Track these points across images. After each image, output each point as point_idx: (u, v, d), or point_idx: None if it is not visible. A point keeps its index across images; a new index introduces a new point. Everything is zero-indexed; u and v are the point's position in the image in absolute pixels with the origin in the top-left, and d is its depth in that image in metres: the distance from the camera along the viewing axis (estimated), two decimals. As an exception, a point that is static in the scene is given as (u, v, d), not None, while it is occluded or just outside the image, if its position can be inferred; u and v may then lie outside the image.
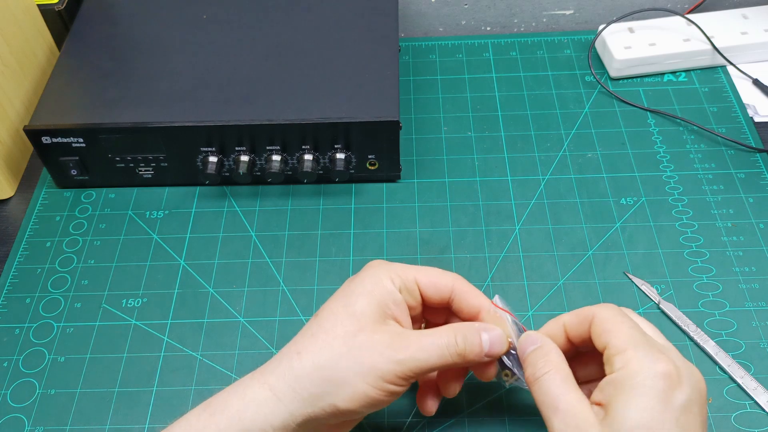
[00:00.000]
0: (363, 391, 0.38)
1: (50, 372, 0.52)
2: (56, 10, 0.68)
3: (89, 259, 0.58)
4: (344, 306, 0.40)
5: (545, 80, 0.70)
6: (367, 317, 0.39)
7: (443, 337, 0.40)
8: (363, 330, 0.39)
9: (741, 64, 0.70)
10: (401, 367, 0.38)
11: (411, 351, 0.39)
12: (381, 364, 0.38)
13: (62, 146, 0.59)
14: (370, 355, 0.38)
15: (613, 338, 0.38)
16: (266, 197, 0.62)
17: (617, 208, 0.59)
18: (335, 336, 0.39)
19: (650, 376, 0.36)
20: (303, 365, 0.39)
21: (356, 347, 0.39)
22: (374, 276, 0.41)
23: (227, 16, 0.66)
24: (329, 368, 0.38)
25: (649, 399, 0.35)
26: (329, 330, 0.39)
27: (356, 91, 0.59)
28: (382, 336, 0.39)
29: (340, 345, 0.39)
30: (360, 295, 0.40)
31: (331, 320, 0.40)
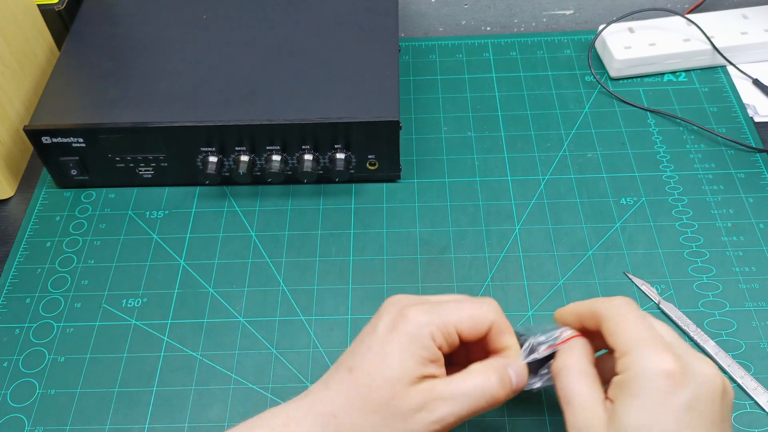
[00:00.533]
0: None
1: (50, 372, 0.52)
2: (56, 10, 0.68)
3: (89, 259, 0.58)
4: (379, 369, 0.38)
5: (545, 80, 0.70)
6: (401, 383, 0.38)
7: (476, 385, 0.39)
8: (395, 397, 0.38)
9: (741, 64, 0.70)
10: (439, 425, 0.38)
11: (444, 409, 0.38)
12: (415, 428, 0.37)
13: (62, 146, 0.59)
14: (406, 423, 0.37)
15: (618, 340, 0.38)
16: (266, 197, 0.62)
17: (617, 208, 0.59)
18: (370, 403, 0.38)
19: (650, 377, 0.36)
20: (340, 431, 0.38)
21: (392, 416, 0.38)
22: (414, 332, 0.39)
23: (227, 16, 0.66)
24: None
25: (649, 400, 0.36)
26: (364, 396, 0.38)
27: (356, 91, 0.59)
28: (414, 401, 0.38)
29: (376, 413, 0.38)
30: (397, 358, 0.38)
31: (365, 384, 0.38)
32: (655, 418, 0.35)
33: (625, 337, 0.38)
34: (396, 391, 0.38)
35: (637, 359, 0.37)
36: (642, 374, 0.36)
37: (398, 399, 0.37)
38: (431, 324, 0.39)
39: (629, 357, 0.37)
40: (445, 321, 0.39)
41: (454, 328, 0.39)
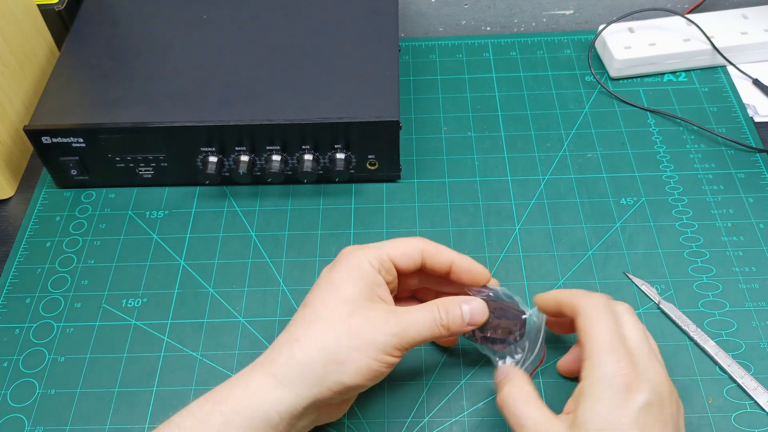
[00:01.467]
0: (366, 365, 0.41)
1: (50, 372, 0.52)
2: (56, 10, 0.68)
3: (89, 259, 0.58)
4: (335, 292, 0.43)
5: (545, 80, 0.70)
6: (358, 300, 0.42)
7: (429, 312, 0.43)
8: (357, 311, 0.42)
9: (741, 64, 0.70)
10: (397, 339, 0.41)
11: (404, 324, 0.42)
12: (379, 338, 0.41)
13: (62, 146, 0.59)
14: (369, 332, 0.41)
15: (585, 341, 0.42)
16: (266, 197, 0.62)
17: (617, 208, 0.59)
18: (332, 319, 0.41)
19: (608, 383, 0.39)
20: (305, 351, 0.41)
21: (355, 326, 0.41)
22: (355, 262, 0.44)
23: (227, 16, 0.66)
24: (332, 349, 0.40)
25: (607, 403, 0.38)
26: (325, 316, 0.42)
27: (356, 91, 0.59)
28: (377, 314, 0.42)
29: (338, 327, 0.41)
30: (347, 282, 0.43)
31: (323, 307, 0.42)
32: (615, 420, 0.38)
33: (591, 340, 0.41)
34: (355, 306, 0.42)
35: (597, 364, 0.40)
36: (601, 379, 0.39)
37: (358, 313, 0.42)
38: (368, 254, 0.44)
39: (590, 362, 0.40)
40: (379, 252, 0.44)
41: (387, 256, 0.44)
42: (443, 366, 0.51)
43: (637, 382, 0.39)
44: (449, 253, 0.46)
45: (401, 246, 0.45)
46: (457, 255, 0.46)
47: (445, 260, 0.46)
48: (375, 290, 0.43)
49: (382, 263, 0.44)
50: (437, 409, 0.49)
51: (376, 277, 0.44)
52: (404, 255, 0.45)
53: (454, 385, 0.50)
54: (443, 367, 0.51)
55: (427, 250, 0.46)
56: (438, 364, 0.51)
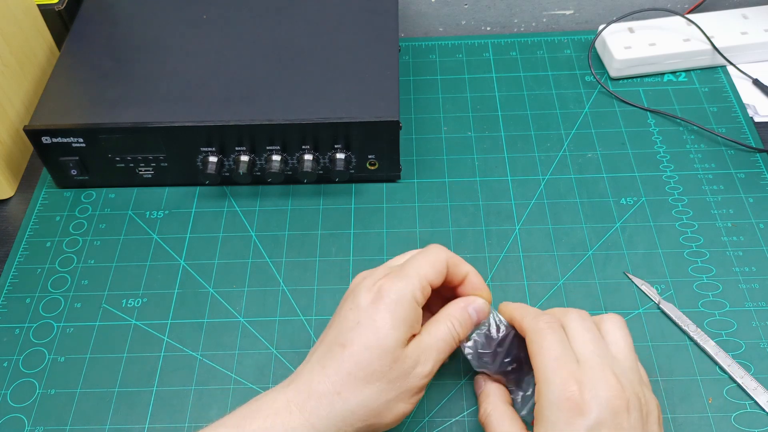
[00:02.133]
0: (403, 412, 0.41)
1: (50, 372, 0.52)
2: (56, 10, 0.68)
3: (89, 259, 0.58)
4: (376, 340, 0.40)
5: (545, 80, 0.70)
6: (398, 348, 0.41)
7: (446, 331, 0.43)
8: (396, 361, 0.40)
9: (741, 64, 0.70)
10: (429, 377, 0.42)
11: (432, 359, 0.42)
12: (415, 384, 0.41)
13: (62, 146, 0.59)
14: (405, 381, 0.41)
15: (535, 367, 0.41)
16: (266, 197, 0.62)
17: (617, 208, 0.59)
18: (373, 374, 0.40)
19: (556, 406, 0.39)
20: (346, 406, 0.40)
21: (393, 380, 0.40)
22: (401, 300, 0.42)
23: (227, 16, 0.66)
24: (374, 405, 0.40)
25: (555, 429, 0.38)
26: (366, 368, 0.40)
27: (356, 91, 0.59)
28: (411, 359, 0.41)
29: (377, 381, 0.40)
30: (391, 328, 0.41)
31: (365, 357, 0.40)
32: None
33: (537, 364, 0.41)
34: (396, 356, 0.40)
35: (544, 390, 0.40)
36: (548, 405, 0.39)
37: (398, 362, 0.40)
38: (410, 287, 0.42)
39: (539, 387, 0.40)
40: (421, 280, 0.43)
41: (426, 282, 0.43)
42: (443, 366, 0.51)
43: (584, 403, 0.38)
44: (466, 266, 0.46)
45: (433, 263, 0.44)
46: (471, 269, 0.46)
47: (462, 272, 0.46)
48: (415, 328, 0.42)
49: (423, 292, 0.43)
50: (437, 409, 0.49)
51: (417, 313, 0.42)
52: (436, 273, 0.44)
53: (454, 385, 0.50)
54: (443, 367, 0.50)
55: (451, 261, 0.45)
56: (438, 364, 0.51)
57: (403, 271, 0.43)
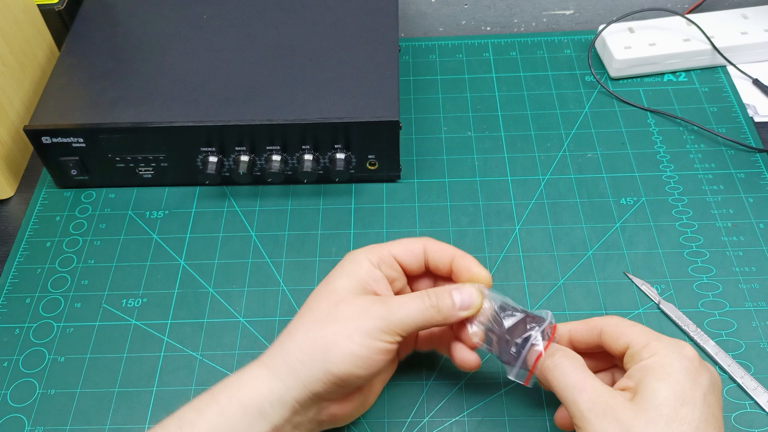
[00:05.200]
0: (351, 351, 0.40)
1: (50, 372, 0.52)
2: (56, 10, 0.68)
3: (89, 259, 0.58)
4: (325, 286, 0.43)
5: (545, 80, 0.70)
6: (347, 291, 0.42)
7: (418, 296, 0.43)
8: (345, 300, 0.42)
9: (741, 64, 0.70)
10: (384, 321, 0.41)
11: (392, 307, 0.41)
12: (364, 322, 0.41)
13: (62, 146, 0.59)
14: (355, 316, 0.41)
15: (632, 337, 0.41)
16: (266, 197, 0.62)
17: (617, 208, 0.59)
18: (319, 309, 0.42)
19: (679, 358, 0.39)
20: (293, 340, 0.41)
21: (340, 313, 0.41)
22: (352, 259, 0.44)
23: (227, 16, 0.66)
24: (316, 337, 0.41)
25: (680, 377, 0.38)
26: (313, 307, 0.43)
27: (356, 91, 0.59)
28: (364, 300, 0.42)
29: (324, 315, 0.42)
30: (339, 276, 0.44)
31: (313, 300, 0.43)
32: (688, 393, 0.38)
33: (640, 334, 0.41)
34: (343, 296, 0.42)
35: (661, 345, 0.40)
36: (671, 355, 0.39)
37: (346, 301, 0.42)
38: (366, 252, 0.44)
39: (651, 346, 0.40)
40: (380, 249, 0.45)
41: (388, 253, 0.45)
42: (443, 366, 0.51)
43: (701, 364, 0.39)
44: (452, 250, 0.46)
45: (404, 243, 0.46)
46: (458, 252, 0.45)
47: (447, 256, 0.45)
48: (370, 284, 0.43)
49: (382, 259, 0.44)
50: (437, 409, 0.49)
51: (372, 272, 0.44)
52: (406, 251, 0.45)
53: (454, 385, 0.50)
54: (443, 367, 0.51)
55: (429, 246, 0.45)
56: (438, 364, 0.51)
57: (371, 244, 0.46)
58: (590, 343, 0.44)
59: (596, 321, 0.44)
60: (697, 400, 0.38)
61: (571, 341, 0.44)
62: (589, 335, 0.44)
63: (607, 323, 0.43)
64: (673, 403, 0.37)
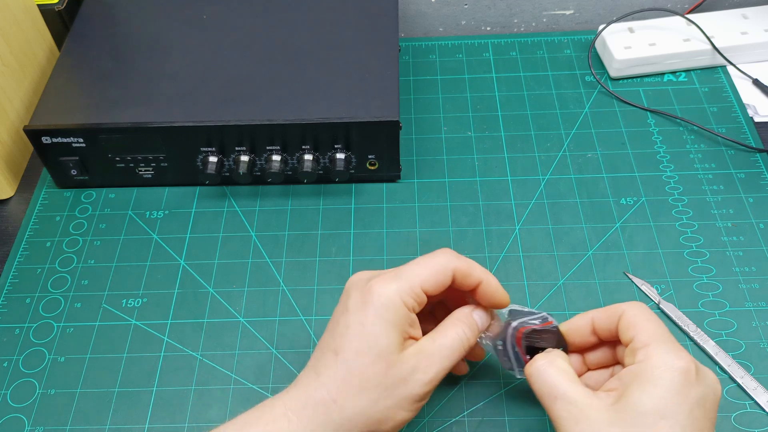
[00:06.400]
0: (403, 419, 0.40)
1: (50, 372, 0.52)
2: (56, 10, 0.68)
3: (89, 259, 0.58)
4: (368, 346, 0.40)
5: (545, 80, 0.70)
6: (392, 352, 0.40)
7: (453, 336, 0.41)
8: (391, 366, 0.39)
9: (741, 64, 0.70)
10: (431, 385, 0.40)
11: (435, 365, 0.40)
12: (415, 391, 0.40)
13: (62, 146, 0.59)
14: (404, 387, 0.39)
15: (639, 333, 0.40)
16: (266, 197, 0.62)
17: (617, 208, 0.59)
18: (368, 380, 0.39)
19: (669, 369, 0.38)
20: (342, 414, 0.39)
21: (390, 386, 0.39)
22: (388, 304, 0.40)
23: (227, 16, 0.66)
24: (372, 413, 0.39)
25: (666, 389, 0.37)
26: (360, 375, 0.39)
27: (356, 91, 0.59)
28: (409, 364, 0.40)
29: (374, 388, 0.39)
30: (381, 332, 0.40)
31: (359, 364, 0.39)
32: (671, 407, 0.37)
33: (647, 331, 0.40)
34: (390, 361, 0.39)
35: (657, 352, 0.39)
36: (662, 365, 0.38)
37: (394, 368, 0.39)
38: (399, 290, 0.40)
39: (648, 349, 0.39)
40: (411, 284, 0.41)
41: (420, 288, 0.41)
42: (443, 366, 0.51)
43: (696, 376, 0.38)
44: (479, 273, 0.43)
45: (432, 269, 0.42)
46: (485, 275, 0.43)
47: (474, 280, 0.43)
48: (408, 332, 0.41)
49: (415, 298, 0.41)
50: (437, 409, 0.49)
51: (409, 317, 0.41)
52: (436, 281, 0.42)
53: (454, 385, 0.50)
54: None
55: (458, 269, 0.42)
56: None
57: (397, 273, 0.41)
58: (612, 329, 0.43)
59: (619, 305, 0.43)
60: (681, 415, 0.37)
61: (595, 330, 0.44)
62: (609, 321, 0.43)
63: (627, 309, 0.42)
64: (653, 416, 0.37)
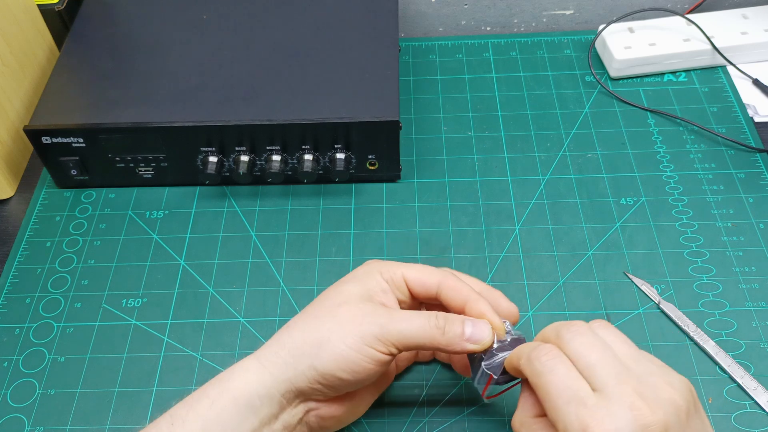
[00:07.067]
0: (341, 352, 0.39)
1: (50, 372, 0.52)
2: (56, 10, 0.68)
3: (89, 259, 0.58)
4: (333, 288, 0.43)
5: (545, 80, 0.70)
6: (353, 294, 0.42)
7: (426, 314, 0.41)
8: (348, 302, 0.41)
9: (741, 64, 0.70)
10: (381, 329, 0.40)
11: (393, 317, 0.40)
12: (361, 326, 0.40)
13: (62, 146, 0.59)
14: (353, 318, 0.40)
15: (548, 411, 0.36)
16: (266, 197, 0.62)
17: (617, 208, 0.59)
18: (321, 307, 0.42)
19: None
20: (290, 334, 0.41)
21: (340, 313, 0.41)
22: (366, 269, 0.44)
23: (227, 16, 0.66)
24: (311, 331, 0.40)
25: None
26: (316, 304, 0.42)
27: (356, 91, 0.59)
28: (367, 306, 0.41)
29: (324, 313, 0.41)
30: (349, 281, 0.43)
31: (319, 299, 0.43)
32: None
33: (555, 412, 0.35)
34: (348, 299, 0.41)
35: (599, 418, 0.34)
36: None
37: (349, 304, 0.41)
38: (381, 266, 0.43)
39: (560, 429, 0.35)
40: (394, 268, 0.43)
41: (401, 275, 0.43)
42: (443, 366, 0.51)
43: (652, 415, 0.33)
44: (467, 293, 0.42)
45: (420, 273, 0.43)
46: (473, 297, 0.42)
47: (460, 300, 0.42)
48: (378, 295, 0.42)
49: (392, 276, 0.43)
50: (437, 409, 0.49)
51: (381, 284, 0.43)
52: (419, 281, 0.43)
53: (454, 385, 0.50)
54: (443, 368, 0.51)
55: (446, 285, 0.43)
56: (438, 364, 0.51)
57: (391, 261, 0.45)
58: None
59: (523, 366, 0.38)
60: None
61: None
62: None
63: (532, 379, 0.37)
64: None
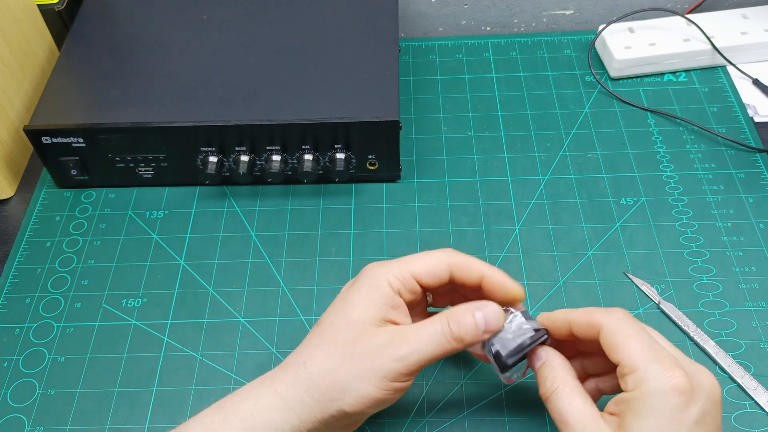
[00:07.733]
0: (368, 394, 0.39)
1: (50, 372, 0.52)
2: (56, 10, 0.68)
3: (89, 259, 0.58)
4: (343, 315, 0.41)
5: (545, 80, 0.70)
6: (365, 324, 0.40)
7: (437, 326, 0.40)
8: (362, 336, 0.40)
9: (741, 64, 0.70)
10: (403, 363, 0.39)
11: (411, 346, 0.39)
12: (383, 365, 0.39)
13: (62, 146, 0.59)
14: (372, 358, 0.39)
15: (624, 355, 0.39)
16: (266, 197, 0.62)
17: (617, 208, 0.59)
18: (336, 345, 0.40)
19: (662, 395, 0.36)
20: (309, 375, 0.40)
21: (357, 354, 0.39)
22: (371, 282, 0.42)
23: (227, 16, 0.66)
24: (332, 377, 0.39)
25: (662, 417, 0.36)
26: (330, 340, 0.41)
27: (356, 91, 0.59)
28: (381, 338, 0.40)
29: (340, 353, 0.40)
30: (358, 304, 0.41)
31: (331, 330, 0.41)
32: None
33: (632, 352, 0.38)
34: (360, 331, 0.40)
35: (646, 377, 0.37)
36: (654, 392, 0.37)
37: (364, 338, 0.40)
38: (387, 273, 0.42)
39: (637, 375, 0.38)
40: (401, 269, 0.42)
41: (410, 275, 0.42)
42: (443, 366, 0.51)
43: (692, 393, 0.37)
44: (480, 267, 0.42)
45: (427, 261, 0.42)
46: (488, 269, 0.42)
47: (475, 275, 0.42)
48: (389, 313, 0.41)
49: (403, 282, 0.42)
50: (437, 409, 0.49)
51: (393, 299, 0.41)
52: (429, 272, 0.42)
53: (454, 385, 0.50)
54: (443, 367, 0.51)
55: (455, 263, 0.42)
56: (438, 364, 0.51)
57: (390, 261, 0.43)
58: (592, 338, 0.41)
59: (594, 314, 0.41)
60: None
61: (573, 333, 0.42)
62: (588, 331, 0.41)
63: (605, 326, 0.40)
64: None
